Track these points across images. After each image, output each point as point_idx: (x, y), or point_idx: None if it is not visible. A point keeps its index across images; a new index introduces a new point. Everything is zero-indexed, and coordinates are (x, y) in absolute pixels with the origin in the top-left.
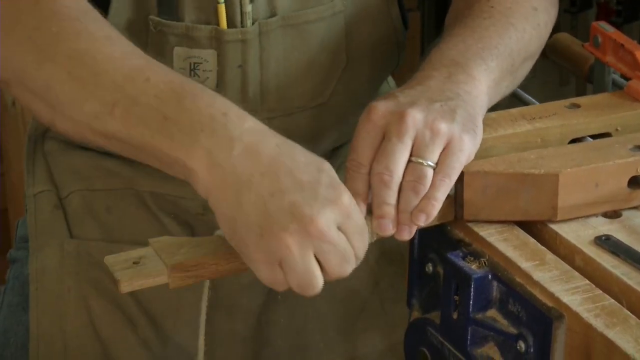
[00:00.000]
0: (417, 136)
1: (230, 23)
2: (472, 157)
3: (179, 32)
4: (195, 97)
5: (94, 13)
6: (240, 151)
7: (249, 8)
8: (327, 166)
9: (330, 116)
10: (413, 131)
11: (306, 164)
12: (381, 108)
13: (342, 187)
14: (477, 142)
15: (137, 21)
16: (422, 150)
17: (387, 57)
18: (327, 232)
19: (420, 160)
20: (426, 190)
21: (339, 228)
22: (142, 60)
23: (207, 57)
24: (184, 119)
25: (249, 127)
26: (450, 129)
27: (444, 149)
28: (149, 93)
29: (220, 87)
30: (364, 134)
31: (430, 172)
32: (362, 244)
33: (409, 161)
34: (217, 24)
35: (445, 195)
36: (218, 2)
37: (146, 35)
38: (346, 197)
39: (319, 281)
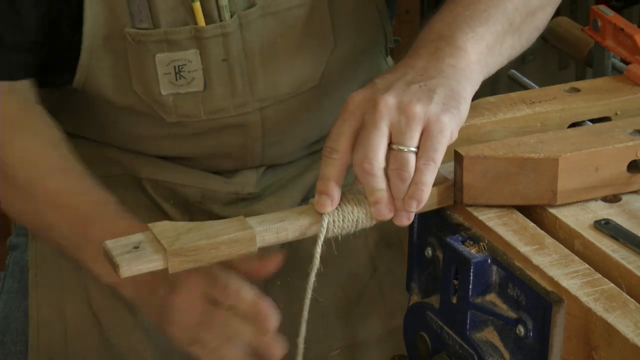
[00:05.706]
0: (392, 122)
1: (209, 19)
2: (456, 135)
3: (158, 38)
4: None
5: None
6: None
7: (225, 1)
8: None
9: (325, 99)
10: (387, 117)
11: None
12: (358, 97)
13: None
14: (461, 119)
15: (112, 36)
16: (400, 136)
17: (373, 32)
18: None
19: (401, 147)
20: (411, 176)
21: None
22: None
23: (190, 57)
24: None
25: None
26: (426, 112)
27: (423, 132)
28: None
29: (207, 84)
30: (340, 122)
31: (412, 158)
32: None
33: (391, 149)
34: (195, 22)
35: (433, 179)
36: (193, 1)
37: (125, 49)
38: None
39: None
